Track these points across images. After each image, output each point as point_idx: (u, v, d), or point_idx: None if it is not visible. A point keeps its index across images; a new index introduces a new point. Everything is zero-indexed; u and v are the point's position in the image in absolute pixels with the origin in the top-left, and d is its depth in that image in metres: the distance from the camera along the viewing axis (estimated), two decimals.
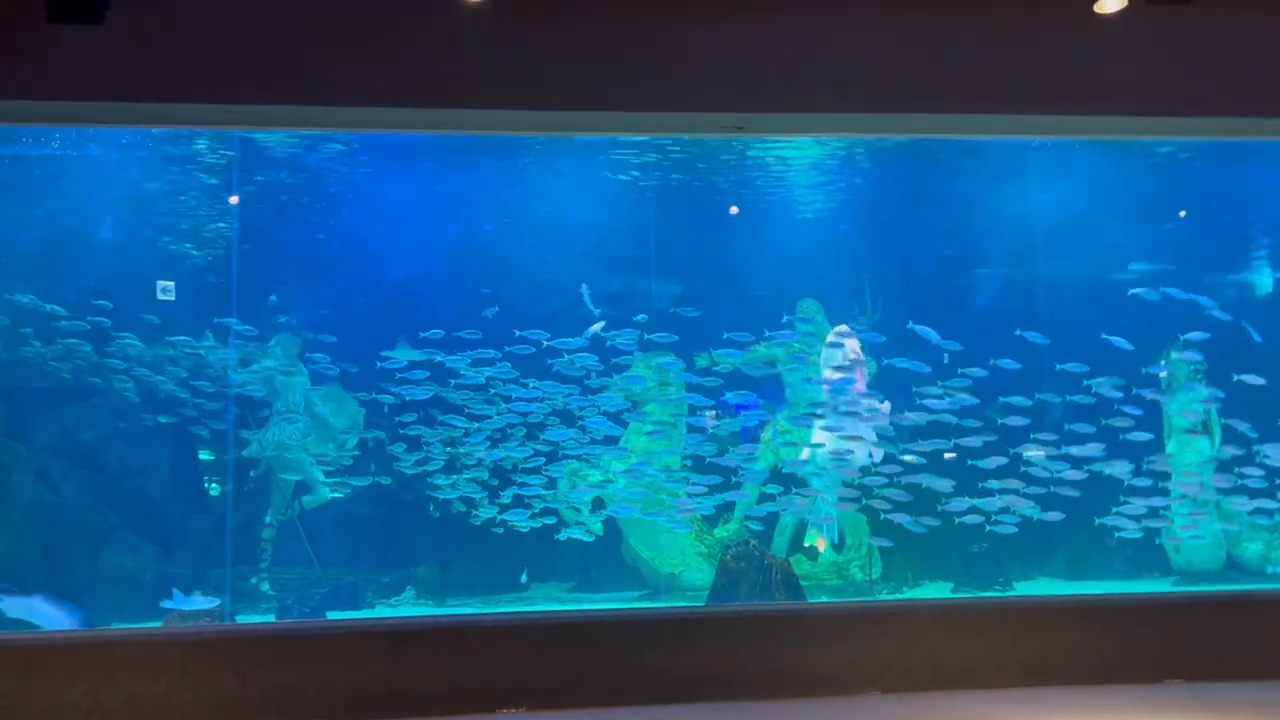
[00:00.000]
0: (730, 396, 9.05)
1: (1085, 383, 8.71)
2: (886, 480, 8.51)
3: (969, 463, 8.60)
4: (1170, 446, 9.11)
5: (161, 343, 8.87)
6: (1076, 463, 8.68)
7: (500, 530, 8.78)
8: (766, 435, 9.28)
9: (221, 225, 9.30)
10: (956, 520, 8.51)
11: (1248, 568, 9.23)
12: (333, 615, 8.02)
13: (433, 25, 6.78)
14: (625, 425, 9.04)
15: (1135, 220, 9.92)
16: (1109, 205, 9.70)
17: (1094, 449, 8.60)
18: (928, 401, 8.72)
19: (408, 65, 6.79)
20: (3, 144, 8.70)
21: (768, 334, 9.04)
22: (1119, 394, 8.78)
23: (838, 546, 9.10)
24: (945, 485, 8.45)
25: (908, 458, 8.67)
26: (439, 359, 8.82)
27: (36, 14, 6.08)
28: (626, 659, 6.86)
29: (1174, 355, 9.25)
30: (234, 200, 9.18)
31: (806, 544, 9.00)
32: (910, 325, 8.71)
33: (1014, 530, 8.56)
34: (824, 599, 8.55)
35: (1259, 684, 6.98)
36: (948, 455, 8.74)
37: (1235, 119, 7.47)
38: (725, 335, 8.85)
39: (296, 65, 6.72)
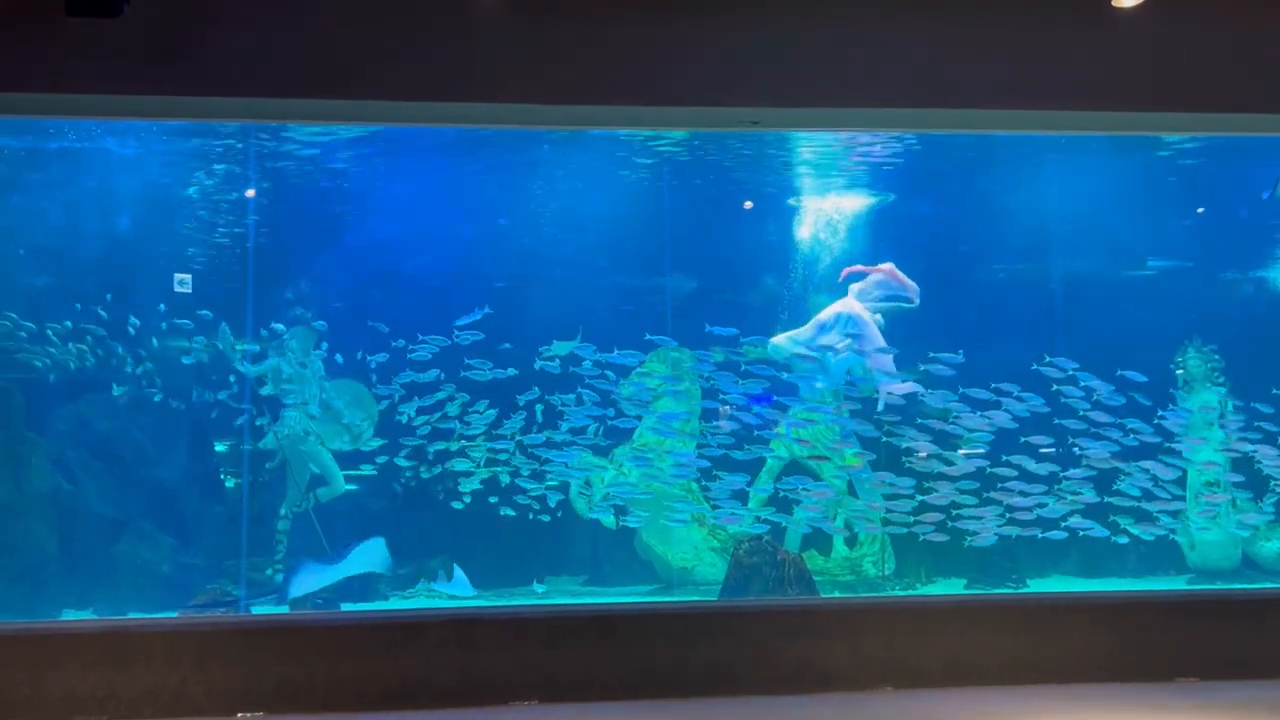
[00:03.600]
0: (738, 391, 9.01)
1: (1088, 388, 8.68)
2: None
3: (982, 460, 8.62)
4: (1186, 444, 9.05)
5: (178, 335, 8.92)
6: (1091, 461, 8.67)
7: (526, 516, 8.81)
8: (780, 429, 9.25)
9: (238, 218, 9.35)
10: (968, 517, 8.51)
11: (1263, 566, 9.19)
12: (346, 607, 8.06)
13: (449, 18, 6.79)
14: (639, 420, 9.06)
15: (1153, 217, 9.91)
16: (1125, 203, 9.69)
17: (1110, 445, 8.60)
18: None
19: (423, 58, 6.80)
20: (21, 136, 8.76)
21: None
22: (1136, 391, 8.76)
23: (851, 542, 9.09)
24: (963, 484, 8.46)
25: (923, 453, 8.65)
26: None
27: (55, 7, 6.12)
28: (638, 653, 6.88)
29: (1191, 353, 9.24)
30: (250, 193, 9.22)
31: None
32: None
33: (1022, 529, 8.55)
34: (837, 594, 8.54)
35: (1274, 683, 6.95)
36: (964, 453, 8.70)
37: (1255, 115, 7.42)
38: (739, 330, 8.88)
39: (312, 58, 6.75)
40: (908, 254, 9.25)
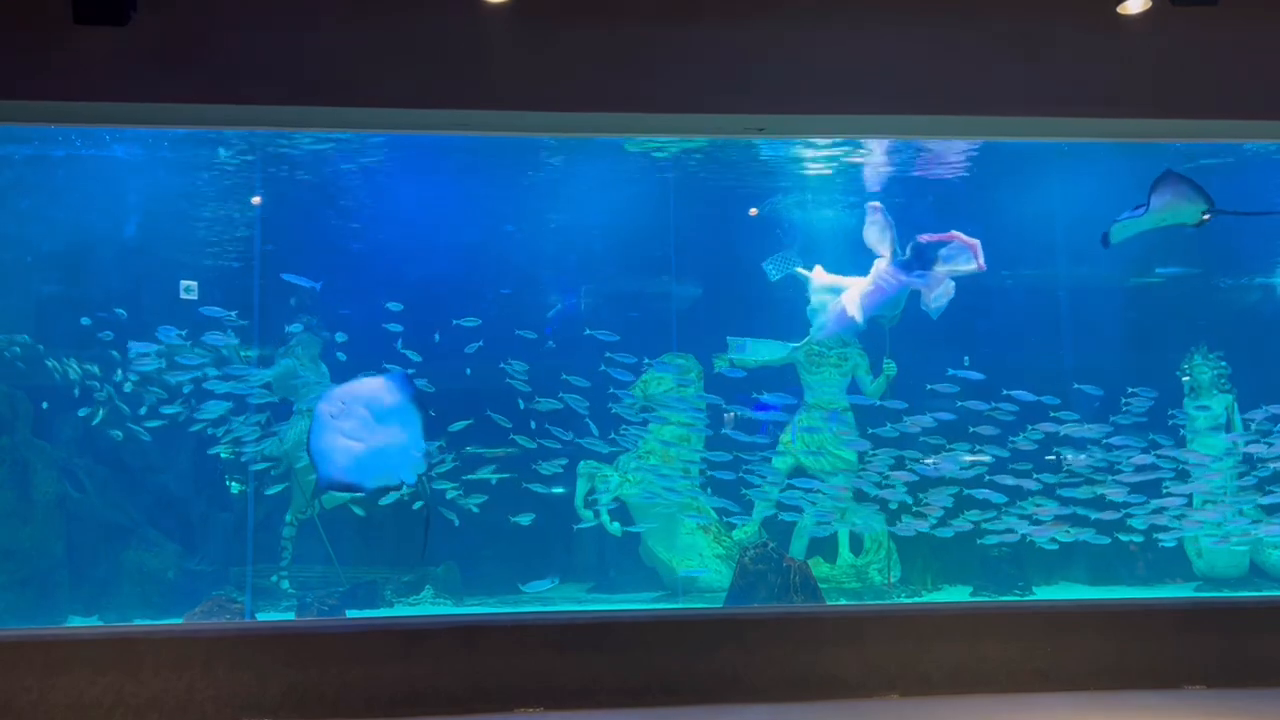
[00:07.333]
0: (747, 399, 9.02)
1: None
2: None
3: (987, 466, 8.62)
4: (1194, 450, 9.03)
5: (184, 342, 8.93)
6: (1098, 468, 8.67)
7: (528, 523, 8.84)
8: (786, 437, 9.24)
9: (245, 226, 9.36)
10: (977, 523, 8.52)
11: (1272, 574, 9.15)
12: (352, 614, 8.07)
13: (452, 25, 6.82)
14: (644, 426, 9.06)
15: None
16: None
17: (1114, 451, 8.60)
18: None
19: (427, 66, 6.82)
20: (27, 145, 8.78)
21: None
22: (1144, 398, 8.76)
23: (856, 549, 9.07)
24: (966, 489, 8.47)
25: (930, 460, 8.64)
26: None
27: (62, 15, 6.14)
28: (644, 660, 6.88)
29: (1197, 359, 9.23)
30: (256, 201, 9.24)
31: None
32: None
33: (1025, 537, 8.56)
34: (843, 602, 8.53)
35: None
36: (968, 458, 8.68)
37: (1265, 122, 7.41)
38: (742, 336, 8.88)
39: (316, 66, 6.77)
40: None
